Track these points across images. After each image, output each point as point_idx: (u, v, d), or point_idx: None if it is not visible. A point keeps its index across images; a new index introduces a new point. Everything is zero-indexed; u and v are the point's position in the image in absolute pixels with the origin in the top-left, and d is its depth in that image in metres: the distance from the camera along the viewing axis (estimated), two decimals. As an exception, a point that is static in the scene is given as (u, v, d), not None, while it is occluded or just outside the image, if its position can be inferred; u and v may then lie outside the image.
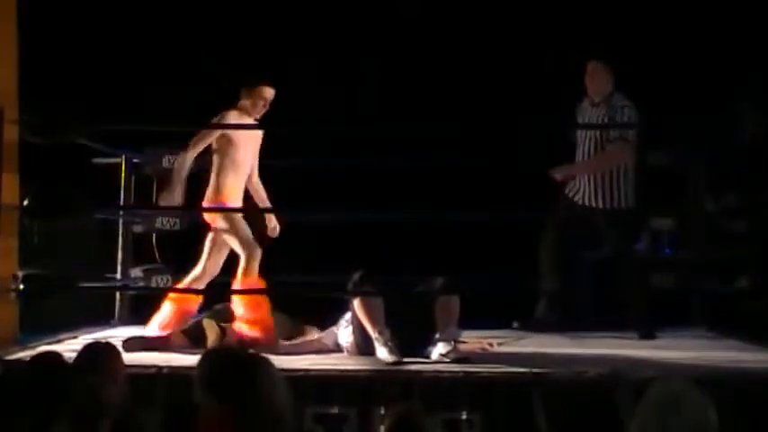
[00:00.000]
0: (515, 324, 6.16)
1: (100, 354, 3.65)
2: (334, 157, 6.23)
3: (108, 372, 3.52)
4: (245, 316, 5.29)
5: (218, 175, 5.47)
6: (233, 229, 5.41)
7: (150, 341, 5.25)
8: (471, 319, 5.81)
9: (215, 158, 5.49)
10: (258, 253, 5.38)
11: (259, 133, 5.65)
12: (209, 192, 5.49)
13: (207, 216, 5.50)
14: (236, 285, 5.35)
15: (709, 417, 2.55)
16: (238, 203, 5.53)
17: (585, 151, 6.24)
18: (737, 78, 6.99)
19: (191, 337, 5.28)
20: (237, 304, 5.32)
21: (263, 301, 5.36)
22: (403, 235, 6.39)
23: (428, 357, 4.90)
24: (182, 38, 7.38)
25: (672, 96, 6.99)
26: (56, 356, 3.42)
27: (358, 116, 6.82)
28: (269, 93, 5.57)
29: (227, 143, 5.47)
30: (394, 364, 4.70)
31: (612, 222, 6.11)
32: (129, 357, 4.62)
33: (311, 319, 5.66)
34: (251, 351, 3.85)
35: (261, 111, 5.56)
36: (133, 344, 5.13)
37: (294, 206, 6.50)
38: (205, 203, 5.49)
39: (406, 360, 4.77)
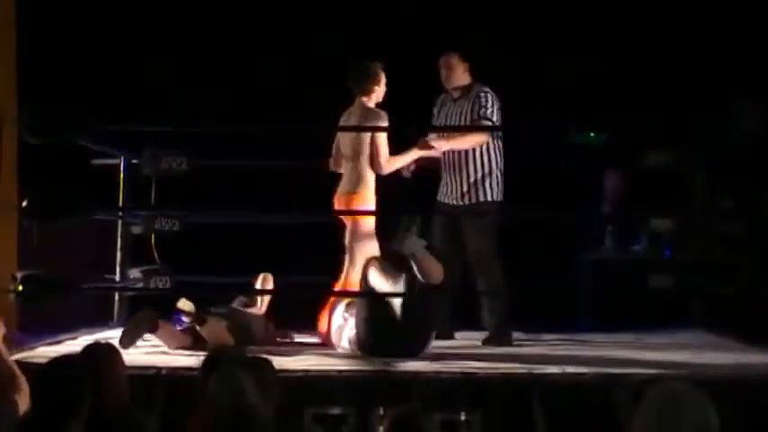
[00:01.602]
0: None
1: (100, 355, 3.64)
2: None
3: (108, 373, 3.52)
4: None
5: (364, 167, 5.57)
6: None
7: (135, 332, 5.26)
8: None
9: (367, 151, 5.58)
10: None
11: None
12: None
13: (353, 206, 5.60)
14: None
15: (710, 418, 2.55)
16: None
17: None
18: (736, 79, 6.99)
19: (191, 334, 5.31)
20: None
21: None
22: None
23: (427, 357, 4.92)
24: (180, 38, 7.37)
25: (672, 97, 7.00)
26: (72, 359, 3.43)
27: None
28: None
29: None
30: None
31: (473, 218, 5.83)
32: (129, 359, 4.62)
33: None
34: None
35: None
36: (125, 340, 5.14)
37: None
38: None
39: (404, 361, 4.78)
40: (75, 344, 5.34)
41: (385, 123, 5.58)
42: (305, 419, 4.27)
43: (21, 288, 4.91)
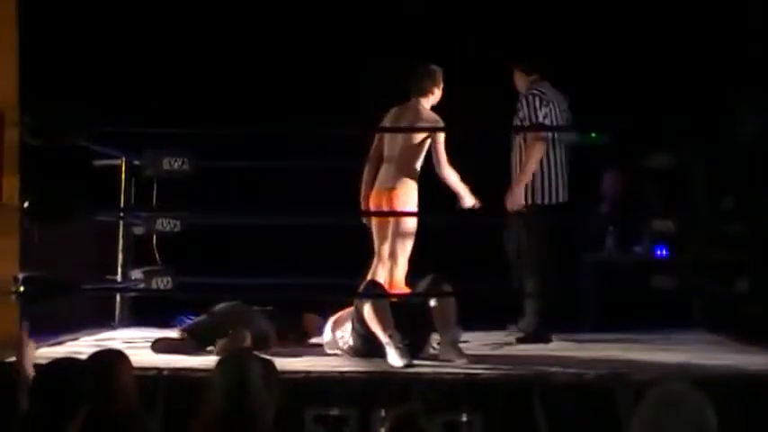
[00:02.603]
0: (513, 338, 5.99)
1: (109, 360, 3.64)
2: (339, 158, 6.21)
3: (116, 377, 3.52)
4: None
5: (407, 165, 5.52)
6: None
7: (173, 343, 5.28)
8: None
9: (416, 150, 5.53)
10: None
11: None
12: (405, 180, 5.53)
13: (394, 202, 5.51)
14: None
15: (708, 418, 2.56)
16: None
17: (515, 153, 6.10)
18: (737, 79, 6.99)
19: (198, 338, 5.31)
20: None
21: None
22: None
23: (429, 358, 4.92)
24: (182, 38, 7.38)
25: (672, 97, 7.00)
26: (72, 362, 3.45)
27: (357, 117, 6.82)
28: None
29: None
30: (404, 366, 4.70)
31: (529, 219, 5.96)
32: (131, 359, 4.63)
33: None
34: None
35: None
36: (160, 345, 5.17)
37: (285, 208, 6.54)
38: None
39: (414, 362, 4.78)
40: (76, 345, 5.35)
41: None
42: (306, 420, 4.27)
43: (22, 289, 4.92)
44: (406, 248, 5.52)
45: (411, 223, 5.54)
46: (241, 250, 6.74)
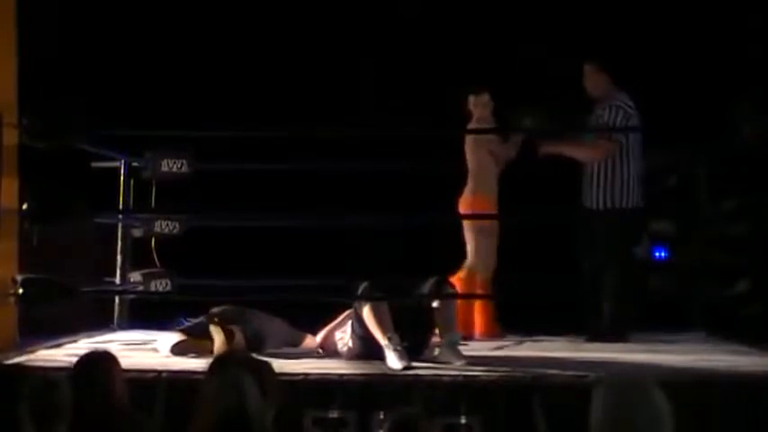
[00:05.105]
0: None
1: (97, 362, 3.64)
2: (337, 160, 6.21)
3: (105, 379, 3.52)
4: None
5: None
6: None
7: (191, 345, 5.29)
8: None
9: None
10: None
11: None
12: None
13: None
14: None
15: (661, 405, 2.54)
16: None
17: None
18: (738, 80, 6.99)
19: (199, 338, 5.31)
20: None
21: None
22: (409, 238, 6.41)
23: (428, 360, 4.92)
24: (182, 40, 7.38)
25: (673, 98, 7.00)
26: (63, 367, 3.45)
27: (354, 118, 6.82)
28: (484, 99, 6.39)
29: None
30: (403, 369, 4.69)
31: (609, 223, 6.05)
32: (130, 362, 4.63)
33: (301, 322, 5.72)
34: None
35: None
36: (178, 348, 5.16)
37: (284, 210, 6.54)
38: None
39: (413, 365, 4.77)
40: (75, 347, 5.35)
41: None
42: (305, 423, 4.27)
43: (21, 291, 4.92)
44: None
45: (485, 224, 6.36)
46: (240, 252, 6.74)
